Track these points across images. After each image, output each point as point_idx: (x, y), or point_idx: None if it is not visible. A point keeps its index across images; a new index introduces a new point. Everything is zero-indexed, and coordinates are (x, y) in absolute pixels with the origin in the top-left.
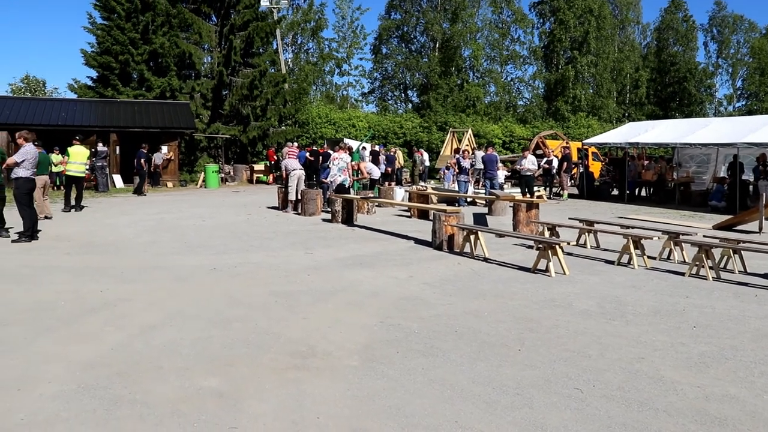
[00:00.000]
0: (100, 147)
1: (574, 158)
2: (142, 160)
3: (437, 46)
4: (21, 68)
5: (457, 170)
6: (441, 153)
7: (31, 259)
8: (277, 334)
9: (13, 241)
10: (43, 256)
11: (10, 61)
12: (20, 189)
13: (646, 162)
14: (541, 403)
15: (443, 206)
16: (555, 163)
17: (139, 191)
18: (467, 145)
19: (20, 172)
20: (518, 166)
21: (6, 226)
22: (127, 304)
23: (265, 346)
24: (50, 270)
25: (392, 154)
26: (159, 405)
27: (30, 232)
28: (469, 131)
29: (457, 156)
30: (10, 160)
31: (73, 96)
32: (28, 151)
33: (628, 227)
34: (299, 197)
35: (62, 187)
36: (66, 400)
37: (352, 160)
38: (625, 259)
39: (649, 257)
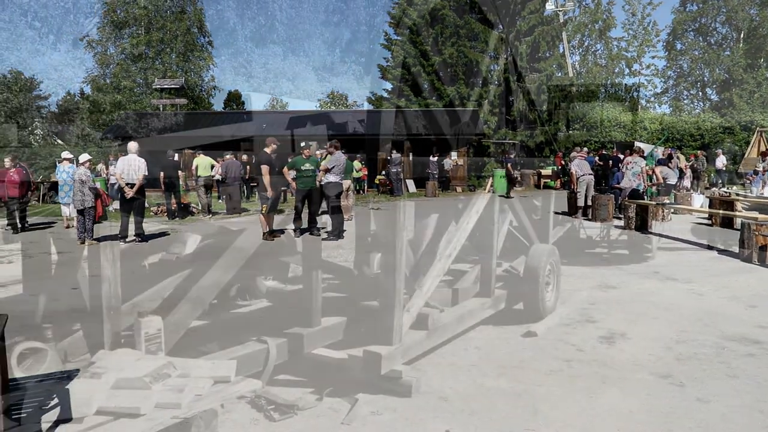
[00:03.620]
0: (395, 154)
1: None
2: (509, 165)
3: (742, 36)
4: (328, 85)
5: None
6: (746, 156)
7: (338, 256)
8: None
9: (323, 239)
10: (349, 254)
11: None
12: (330, 192)
13: None
14: None
15: (754, 214)
16: None
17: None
18: None
19: (330, 177)
20: None
21: (318, 226)
22: None
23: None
24: None
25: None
26: None
27: (337, 232)
28: None
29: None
30: (323, 167)
31: (370, 107)
32: (337, 158)
33: None
34: (589, 203)
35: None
36: None
37: (645, 164)
38: None
39: None
